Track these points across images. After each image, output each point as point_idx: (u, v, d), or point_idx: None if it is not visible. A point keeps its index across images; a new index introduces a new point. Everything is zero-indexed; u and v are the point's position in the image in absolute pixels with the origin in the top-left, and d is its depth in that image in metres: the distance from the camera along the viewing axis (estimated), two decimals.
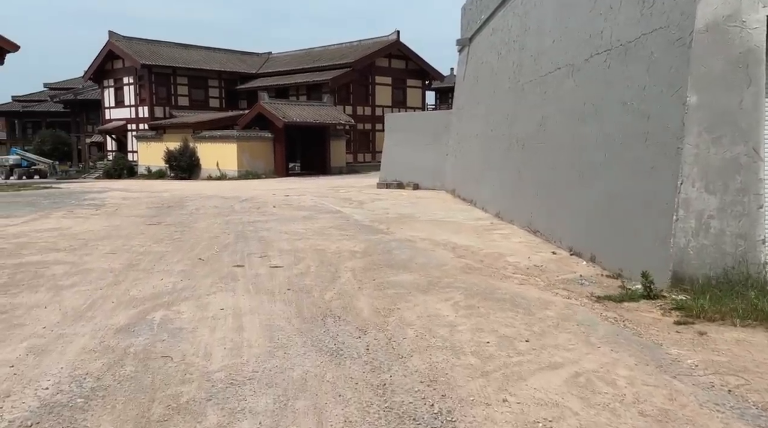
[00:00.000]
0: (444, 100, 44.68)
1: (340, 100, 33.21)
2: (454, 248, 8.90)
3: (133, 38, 35.51)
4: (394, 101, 35.00)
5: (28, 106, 46.70)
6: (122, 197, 19.34)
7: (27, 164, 35.98)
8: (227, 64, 37.66)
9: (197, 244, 9.49)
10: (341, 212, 14.14)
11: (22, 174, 35.17)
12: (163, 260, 8.14)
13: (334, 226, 11.61)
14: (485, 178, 14.50)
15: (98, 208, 15.57)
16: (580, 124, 8.43)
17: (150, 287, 6.49)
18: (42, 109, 46.08)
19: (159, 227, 11.69)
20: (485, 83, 15.45)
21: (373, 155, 35.15)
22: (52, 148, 40.50)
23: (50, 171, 35.85)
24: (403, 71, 35.92)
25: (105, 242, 9.64)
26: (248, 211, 14.48)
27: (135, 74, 34.85)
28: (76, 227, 11.55)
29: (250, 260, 8.16)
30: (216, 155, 29.21)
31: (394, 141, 22.98)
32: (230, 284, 6.62)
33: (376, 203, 16.34)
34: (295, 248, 9.02)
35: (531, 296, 5.93)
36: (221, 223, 12.19)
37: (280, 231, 10.88)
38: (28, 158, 36.49)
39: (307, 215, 13.38)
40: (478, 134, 15.89)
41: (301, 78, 34.23)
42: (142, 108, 35.02)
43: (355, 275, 7.08)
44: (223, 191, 20.96)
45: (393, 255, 8.40)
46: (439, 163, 20.63)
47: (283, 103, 30.46)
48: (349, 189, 21.49)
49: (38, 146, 40.64)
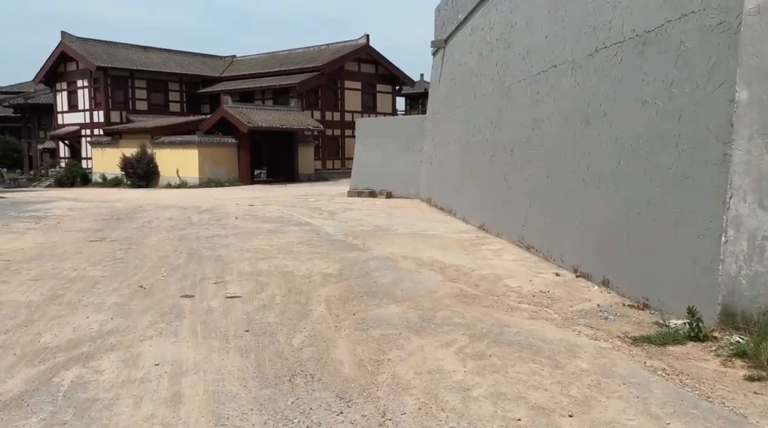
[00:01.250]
0: (414, 106, 43.71)
1: (308, 105, 31.84)
2: (442, 269, 7.69)
3: (88, 39, 33.49)
4: (363, 107, 33.78)
5: None
6: (69, 207, 17.61)
7: None
8: (189, 67, 35.90)
9: (141, 266, 8.07)
10: (311, 224, 12.83)
11: None
12: (96, 288, 6.72)
13: (303, 241, 10.30)
14: (466, 187, 13.39)
15: (38, 221, 13.90)
16: (584, 127, 7.34)
17: (70, 329, 5.09)
18: None
19: (101, 244, 10.18)
20: (464, 86, 14.36)
21: (342, 162, 33.84)
22: (1, 154, 38.04)
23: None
24: (373, 76, 34.75)
25: (32, 264, 8.13)
26: (207, 223, 13.03)
27: (90, 77, 32.83)
28: (3, 245, 9.96)
29: (203, 287, 6.80)
30: (176, 162, 27.50)
31: (365, 147, 21.76)
32: (173, 324, 5.26)
33: (348, 214, 15.07)
34: (258, 271, 7.69)
35: (550, 336, 4.75)
36: (174, 239, 10.74)
37: (242, 248, 9.52)
38: None
39: (272, 228, 12.02)
40: (456, 139, 14.78)
41: (267, 82, 32.74)
42: (98, 112, 33.00)
43: (330, 307, 5.80)
44: (181, 201, 19.38)
45: (373, 279, 7.14)
46: (413, 170, 19.50)
47: (247, 107, 28.93)
48: (318, 198, 20.17)
49: None
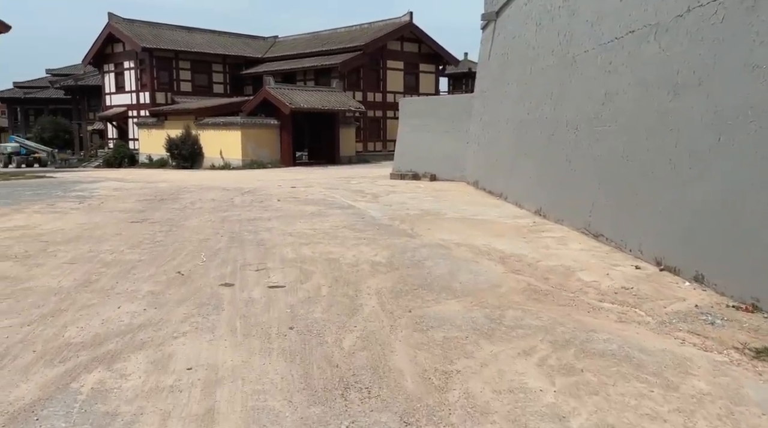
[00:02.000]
0: (458, 87, 42.46)
1: (350, 86, 31.10)
2: (502, 259, 6.92)
3: (134, 20, 33.48)
4: (406, 87, 32.83)
5: (30, 92, 44.80)
6: (114, 188, 17.45)
7: (26, 152, 34.20)
8: (232, 48, 35.57)
9: (181, 250, 7.56)
10: (354, 207, 12.18)
11: (21, 162, 33.43)
12: (132, 274, 6.22)
13: (348, 225, 9.66)
14: (519, 168, 12.49)
15: (82, 201, 13.67)
16: (672, 98, 6.40)
17: (98, 322, 4.56)
18: (44, 95, 44.18)
19: (142, 225, 9.77)
20: (518, 60, 13.37)
21: (384, 144, 33.09)
22: (53, 135, 38.66)
23: (49, 160, 34.09)
24: (415, 55, 33.71)
25: (69, 247, 7.72)
26: (249, 205, 12.54)
27: (136, 58, 32.86)
28: (45, 225, 9.65)
29: (244, 274, 6.22)
30: (219, 143, 27.26)
31: (409, 128, 20.93)
32: (210, 318, 4.68)
33: (392, 197, 14.36)
34: (302, 257, 7.07)
35: (649, 346, 3.96)
36: (216, 221, 10.26)
37: (284, 232, 8.94)
38: (27, 145, 34.70)
39: (315, 211, 11.43)
40: (508, 118, 13.84)
41: (308, 62, 32.12)
42: (143, 94, 33.07)
43: (382, 302, 5.12)
44: (224, 182, 19.03)
45: (427, 269, 6.43)
46: (459, 152, 18.61)
47: (289, 88, 28.40)
48: (360, 180, 19.51)
49: (38, 133, 38.80)
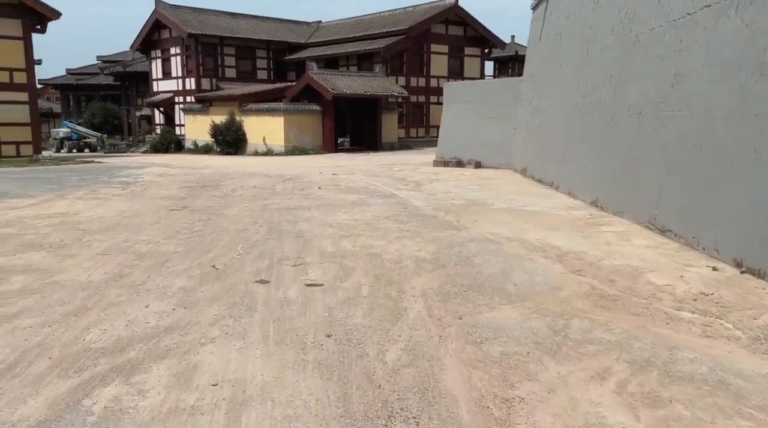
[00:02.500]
0: (504, 71, 41.21)
1: (393, 71, 30.44)
2: (559, 256, 6.30)
3: (180, 6, 33.60)
4: (450, 71, 31.94)
5: (82, 79, 45.84)
6: (159, 173, 17.43)
7: (77, 137, 34.97)
8: (275, 34, 35.35)
9: (218, 241, 7.23)
10: (396, 196, 11.68)
11: (72, 147, 34.20)
12: (165, 267, 5.89)
13: (390, 216, 9.17)
14: (573, 156, 11.72)
15: (126, 187, 13.62)
16: (758, 79, 5.62)
17: (123, 323, 4.21)
18: (95, 82, 45.12)
19: (181, 213, 9.52)
20: (573, 41, 12.53)
21: (427, 130, 32.38)
22: (103, 121, 39.47)
23: (99, 145, 34.76)
24: (460, 38, 32.72)
25: (106, 236, 7.49)
26: (290, 193, 12.19)
27: (182, 44, 33.01)
28: (85, 213, 9.51)
29: (280, 270, 5.81)
30: (262, 129, 27.13)
31: (453, 113, 20.23)
32: (242, 321, 4.27)
33: (435, 185, 13.79)
34: (342, 251, 6.62)
35: (747, 369, 3.34)
36: (256, 209, 9.93)
37: (324, 223, 8.52)
38: (77, 131, 35.47)
39: (356, 200, 10.98)
40: (561, 102, 13.04)
41: (351, 47, 31.59)
42: (189, 80, 33.23)
43: (428, 306, 4.62)
44: (267, 169, 18.81)
45: (476, 267, 5.88)
46: (505, 138, 17.83)
47: (332, 73, 27.98)
48: (402, 167, 18.98)
49: (89, 119, 39.67)
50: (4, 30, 22.97)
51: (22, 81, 23.78)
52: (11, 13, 22.95)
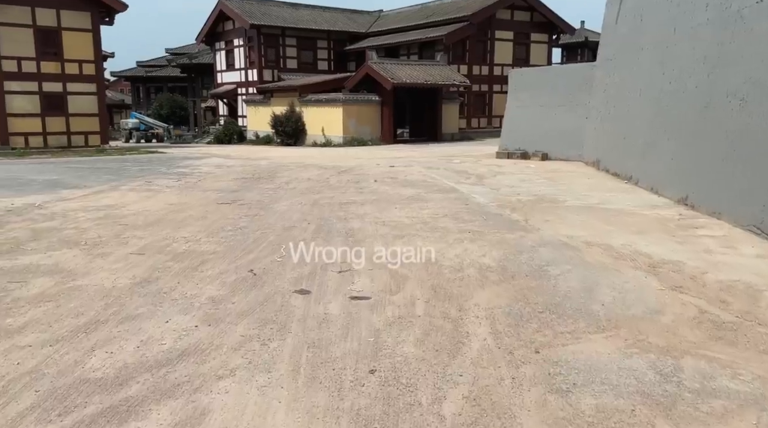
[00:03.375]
0: (572, 58, 39.12)
1: (455, 59, 29.26)
2: (652, 267, 5.26)
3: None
4: (515, 59, 30.39)
5: (151, 71, 47.01)
6: (217, 164, 17.18)
7: (144, 128, 35.72)
8: (336, 24, 34.82)
9: (261, 240, 6.59)
10: (457, 191, 10.77)
11: (140, 137, 34.95)
12: (200, 271, 5.28)
13: (450, 213, 8.29)
14: (656, 147, 10.44)
15: (181, 178, 13.33)
16: None
17: (133, 345, 3.57)
18: (163, 74, 46.16)
19: (230, 208, 8.99)
20: (657, 21, 11.17)
21: (489, 120, 31.06)
22: (170, 112, 40.24)
23: (166, 135, 35.40)
24: (526, 24, 31.11)
25: (146, 232, 7.01)
26: (344, 187, 11.50)
27: (244, 36, 33.00)
28: (132, 206, 9.14)
29: (324, 277, 5.08)
30: (321, 120, 26.66)
31: (519, 102, 18.99)
32: (271, 346, 3.55)
33: (499, 179, 12.77)
34: (395, 255, 5.83)
35: None
36: (306, 204, 9.28)
37: (377, 220, 7.75)
38: (145, 121, 36.25)
39: (413, 195, 10.15)
40: (642, 89, 11.71)
41: (412, 35, 30.59)
42: (252, 71, 33.23)
43: (496, 332, 3.75)
44: (324, 160, 18.25)
45: (552, 280, 4.95)
46: (575, 128, 16.50)
47: (391, 62, 27.13)
48: (463, 159, 17.97)
49: (156, 110, 40.56)
50: (74, 22, 23.42)
51: (91, 72, 24.24)
52: (81, 6, 23.37)
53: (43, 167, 16.31)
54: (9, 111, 22.65)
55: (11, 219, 7.80)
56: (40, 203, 9.27)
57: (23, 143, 23.00)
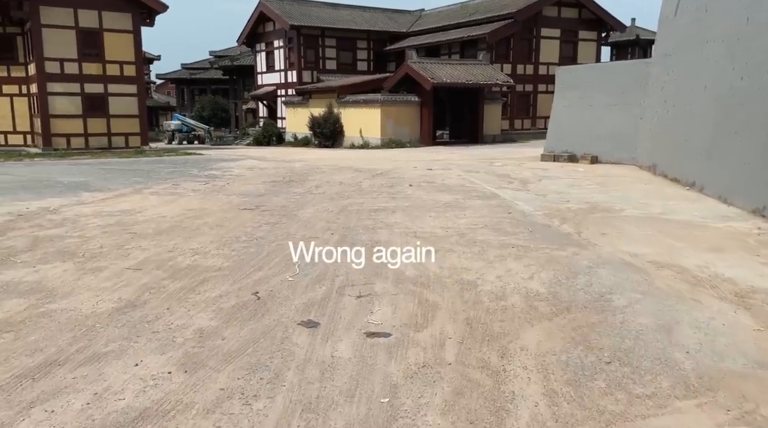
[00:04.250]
0: (622, 56, 37.22)
1: (498, 58, 28.06)
2: (740, 297, 4.21)
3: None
4: (561, 58, 28.93)
5: (195, 73, 47.32)
6: (249, 167, 16.63)
7: (186, 130, 35.76)
8: (376, 24, 34.07)
9: (275, 254, 5.81)
10: (499, 197, 9.80)
11: (182, 139, 35.00)
12: (196, 293, 4.52)
13: (490, 224, 7.36)
14: (725, 150, 9.22)
15: (209, 181, 12.76)
16: None
17: (85, 399, 2.81)
18: (206, 76, 46.40)
19: (251, 214, 8.28)
20: (727, 11, 9.93)
21: (533, 121, 29.72)
22: (211, 114, 40.30)
23: (207, 137, 35.38)
24: (574, 21, 29.62)
25: (152, 243, 6.33)
26: (377, 191, 10.67)
27: (284, 37, 32.61)
28: (149, 211, 8.53)
29: (338, 304, 4.24)
30: (359, 122, 25.93)
31: (566, 101, 17.78)
32: (254, 408, 2.73)
33: (545, 184, 11.71)
34: (424, 275, 4.95)
35: None
36: (333, 211, 8.49)
37: (408, 231, 6.88)
38: (187, 123, 36.31)
39: (450, 202, 9.23)
40: (707, 85, 10.47)
41: (454, 34, 29.53)
42: (291, 72, 32.81)
43: (550, 394, 2.83)
44: (359, 162, 17.48)
45: (617, 313, 3.98)
46: (628, 129, 15.23)
47: (432, 62, 26.16)
48: (505, 162, 16.90)
49: (199, 111, 40.70)
50: (115, 24, 23.38)
51: (132, 74, 24.17)
52: (122, 7, 23.32)
53: (76, 168, 16.09)
54: (52, 112, 22.75)
55: (18, 225, 7.27)
56: (56, 207, 8.78)
57: (65, 144, 23.08)
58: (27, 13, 21.87)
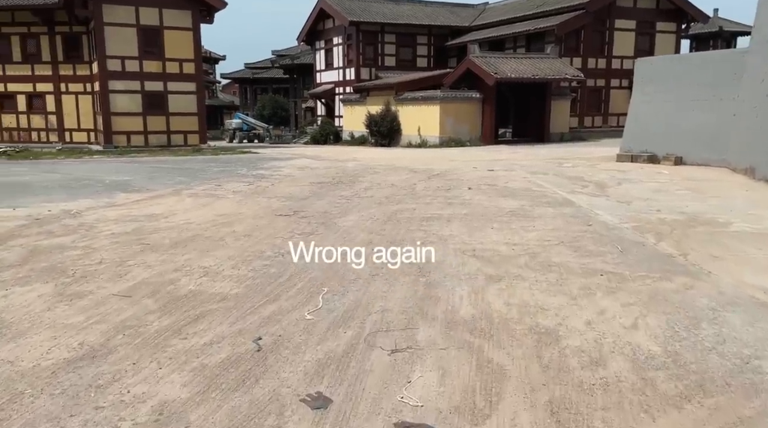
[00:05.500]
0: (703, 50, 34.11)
1: (567, 52, 26.01)
2: None
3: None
4: (637, 51, 26.46)
5: (258, 72, 47.40)
6: (300, 166, 15.68)
7: (247, 128, 35.60)
8: (437, 18, 32.61)
9: (299, 277, 4.64)
10: (573, 204, 8.30)
11: (243, 138, 34.84)
12: (179, 339, 3.40)
13: (567, 239, 5.93)
14: None
15: (254, 182, 11.84)
16: None
17: None
18: (268, 75, 46.37)
19: (286, 222, 7.18)
20: None
21: (604, 119, 27.46)
22: (271, 113, 40.06)
23: (266, 135, 35.08)
24: (652, 12, 27.12)
25: (162, 257, 5.31)
26: (431, 196, 9.37)
27: (344, 33, 31.73)
28: (177, 216, 7.59)
29: (364, 366, 3.00)
30: (417, 119, 24.62)
31: (646, 97, 15.82)
32: None
33: (626, 188, 10.07)
34: (486, 316, 3.64)
35: None
36: (379, 219, 7.27)
37: (465, 248, 5.57)
38: (248, 122, 36.15)
39: (516, 209, 7.82)
40: None
41: (519, 27, 27.68)
42: (349, 70, 31.89)
43: None
44: (415, 162, 16.21)
45: None
46: (718, 127, 13.23)
47: (495, 56, 24.48)
48: (576, 162, 15.18)
49: (259, 110, 40.55)
50: (175, 21, 23.09)
51: (191, 71, 23.85)
52: (182, 5, 23.00)
53: (129, 166, 15.64)
54: (113, 110, 22.70)
55: (26, 232, 6.45)
56: (82, 209, 7.99)
57: (125, 142, 23.01)
58: (91, 12, 21.86)
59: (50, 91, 24.41)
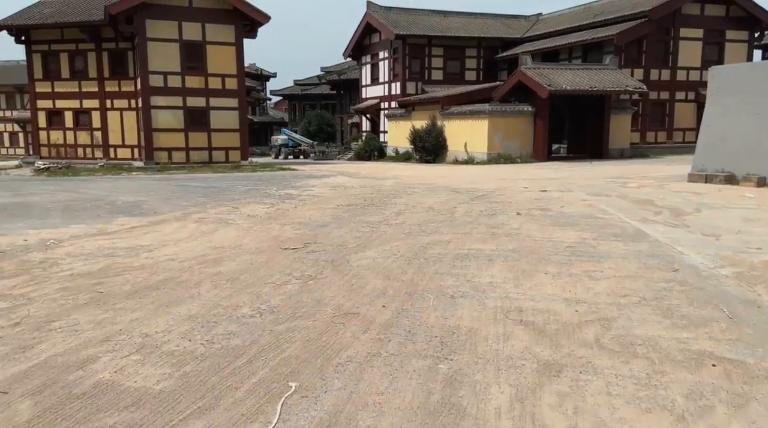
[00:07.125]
0: None
1: (627, 62, 23.85)
2: None
3: (391, 8, 31.20)
4: (704, 61, 23.98)
5: (306, 89, 46.96)
6: (334, 185, 14.40)
7: (292, 144, 34.90)
8: (488, 31, 30.95)
9: (271, 353, 3.21)
10: (647, 237, 6.56)
11: (288, 153, 34.17)
12: None
13: (649, 295, 4.28)
14: None
15: (277, 203, 10.59)
16: None
17: None
18: (317, 91, 45.82)
19: (290, 259, 5.79)
20: None
21: (669, 134, 25.02)
22: (317, 129, 39.30)
23: (311, 151, 34.26)
24: (721, 20, 24.61)
25: (100, 318, 3.99)
26: (471, 223, 7.80)
27: (390, 47, 30.56)
28: (166, 249, 6.33)
29: None
30: (464, 135, 23.02)
31: (722, 109, 13.71)
32: None
33: (708, 216, 8.21)
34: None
35: None
36: (404, 255, 5.78)
37: (508, 306, 4.01)
38: (293, 138, 35.48)
39: (576, 243, 6.16)
40: None
41: (575, 37, 25.70)
42: (395, 84, 30.65)
43: None
44: (459, 181, 14.64)
45: None
46: None
47: (548, 67, 22.63)
48: (641, 182, 13.23)
49: (305, 126, 39.88)
50: (218, 36, 22.48)
51: (233, 87, 23.15)
52: (225, 19, 22.38)
53: (155, 184, 14.77)
54: (155, 126, 22.20)
55: None
56: (61, 239, 6.86)
57: (167, 158, 22.43)
58: (135, 28, 21.48)
59: (96, 108, 24.22)
